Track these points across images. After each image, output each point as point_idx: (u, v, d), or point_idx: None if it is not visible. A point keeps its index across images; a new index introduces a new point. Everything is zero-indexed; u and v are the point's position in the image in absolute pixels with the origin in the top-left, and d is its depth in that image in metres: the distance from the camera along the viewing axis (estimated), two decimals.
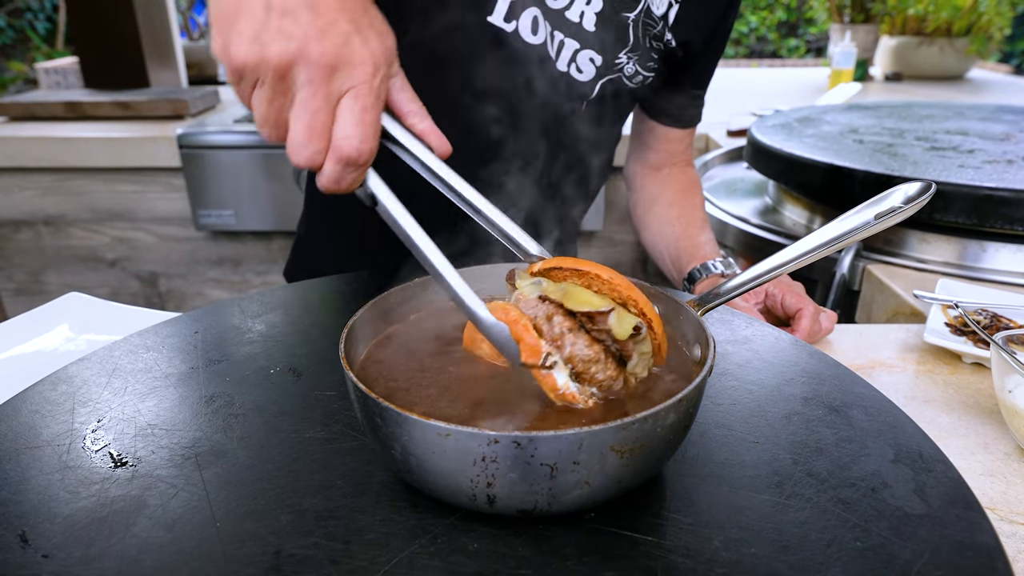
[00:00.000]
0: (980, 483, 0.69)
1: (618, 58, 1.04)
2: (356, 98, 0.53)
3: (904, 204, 0.66)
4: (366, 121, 0.53)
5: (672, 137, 1.29)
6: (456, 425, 0.48)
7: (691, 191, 1.31)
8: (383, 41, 0.55)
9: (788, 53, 8.13)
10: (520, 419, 0.58)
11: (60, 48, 6.02)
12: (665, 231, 1.26)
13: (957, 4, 3.20)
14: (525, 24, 0.99)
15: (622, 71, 1.06)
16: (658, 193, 1.31)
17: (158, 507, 0.55)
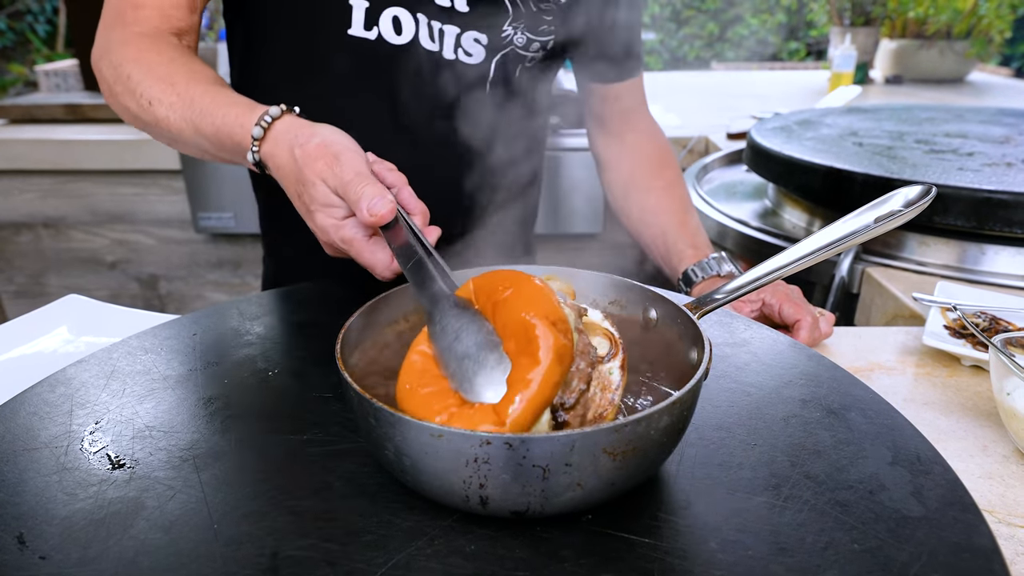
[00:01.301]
0: (978, 485, 0.69)
1: (503, 31, 1.00)
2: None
3: (904, 208, 0.66)
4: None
5: (618, 94, 1.23)
6: (449, 426, 0.48)
7: (664, 165, 1.25)
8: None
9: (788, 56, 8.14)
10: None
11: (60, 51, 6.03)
12: (648, 221, 1.21)
13: (957, 7, 3.20)
14: (386, 27, 0.96)
15: (512, 43, 1.02)
16: (629, 173, 1.25)
17: (156, 509, 0.55)
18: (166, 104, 0.87)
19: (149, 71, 0.88)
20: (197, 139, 0.86)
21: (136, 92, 0.88)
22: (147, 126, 0.92)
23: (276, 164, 0.80)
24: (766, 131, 1.73)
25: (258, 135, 0.80)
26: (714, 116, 2.60)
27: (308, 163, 0.75)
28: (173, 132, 0.88)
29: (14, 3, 6.41)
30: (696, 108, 2.84)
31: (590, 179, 2.33)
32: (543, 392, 0.51)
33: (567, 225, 2.44)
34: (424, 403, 0.54)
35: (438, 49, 0.99)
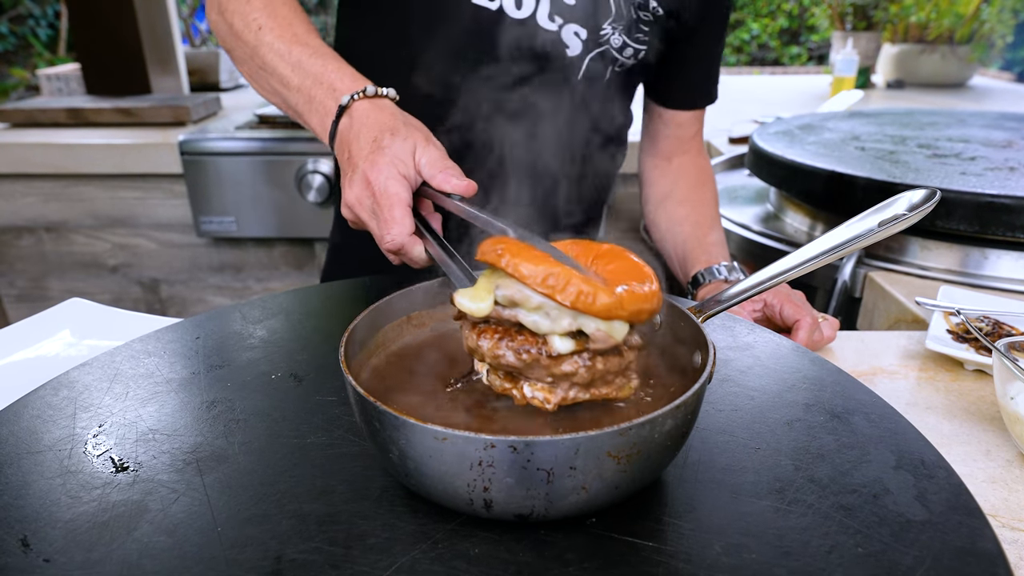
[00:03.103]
0: (982, 490, 0.69)
1: (603, 29, 1.03)
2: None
3: (908, 211, 0.66)
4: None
5: (680, 121, 1.27)
6: (453, 429, 0.48)
7: (703, 184, 1.29)
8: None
9: (790, 61, 8.14)
10: (520, 423, 0.58)
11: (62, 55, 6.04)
12: (674, 231, 1.24)
13: (959, 12, 3.21)
14: (509, 2, 1.00)
15: (609, 43, 1.05)
16: (669, 189, 1.29)
17: (159, 512, 0.55)
18: (275, 34, 0.91)
19: (271, 3, 0.93)
20: (289, 72, 0.89)
21: (249, 15, 0.93)
22: (242, 46, 0.94)
23: (367, 115, 0.81)
24: (768, 135, 1.74)
25: (370, 92, 0.83)
26: (716, 120, 2.60)
27: (411, 127, 0.79)
28: (267, 59, 0.91)
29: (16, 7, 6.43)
30: None
31: None
32: (649, 298, 0.54)
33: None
34: (540, 255, 0.54)
35: (554, 29, 1.02)
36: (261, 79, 0.94)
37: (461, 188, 0.75)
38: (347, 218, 0.81)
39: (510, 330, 0.57)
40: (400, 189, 0.75)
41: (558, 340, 0.55)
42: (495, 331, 0.57)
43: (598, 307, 0.53)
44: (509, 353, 0.56)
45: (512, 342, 0.56)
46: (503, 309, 0.56)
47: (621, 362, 0.57)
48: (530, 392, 0.57)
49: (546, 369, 0.56)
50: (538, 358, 0.55)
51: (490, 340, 0.57)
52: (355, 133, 0.80)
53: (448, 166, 0.76)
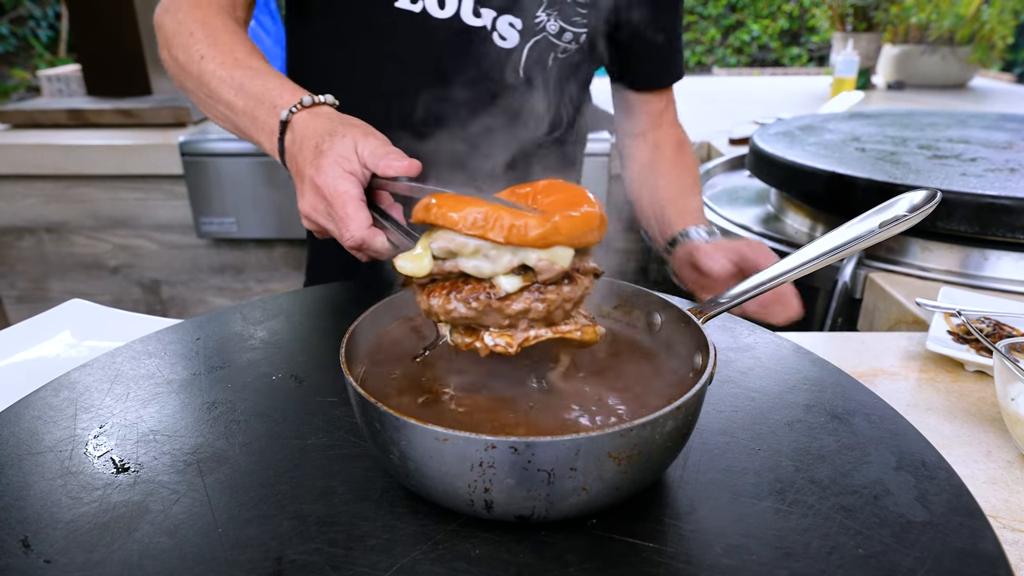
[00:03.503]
0: (983, 491, 0.69)
1: (537, 16, 1.03)
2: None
3: (909, 212, 0.66)
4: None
5: (647, 99, 1.26)
6: (454, 430, 0.48)
7: (681, 155, 1.28)
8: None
9: (790, 62, 8.14)
10: (521, 424, 0.58)
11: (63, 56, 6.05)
12: (654, 199, 1.24)
13: (960, 13, 3.21)
14: (431, 1, 1.01)
15: (545, 30, 1.05)
16: (648, 161, 1.28)
17: (160, 513, 0.55)
18: (217, 62, 0.92)
19: (213, 33, 0.95)
20: (233, 96, 0.90)
21: (192, 48, 0.94)
22: (188, 77, 0.96)
23: (306, 126, 0.82)
24: (768, 136, 1.74)
25: (307, 103, 0.84)
26: (716, 121, 2.60)
27: (347, 125, 0.79)
28: (212, 86, 0.92)
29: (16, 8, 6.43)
30: (698, 113, 2.85)
31: (593, 185, 2.33)
32: (587, 219, 0.54)
33: None
34: (465, 199, 0.54)
35: (479, 26, 1.03)
36: (210, 108, 0.95)
37: (404, 168, 0.75)
38: (309, 228, 0.82)
39: (456, 282, 0.56)
40: (349, 186, 0.75)
41: (504, 280, 0.55)
42: (442, 287, 0.57)
43: (532, 236, 0.52)
44: (460, 305, 0.55)
45: (460, 293, 0.56)
46: (443, 262, 0.56)
47: (576, 289, 0.57)
48: (491, 341, 0.57)
49: (500, 312, 0.55)
50: (489, 303, 0.55)
51: (439, 297, 0.56)
52: (298, 145, 0.81)
53: (389, 151, 0.76)
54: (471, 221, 0.53)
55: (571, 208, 0.55)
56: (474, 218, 0.53)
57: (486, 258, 0.54)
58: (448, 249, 0.55)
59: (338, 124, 0.80)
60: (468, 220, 0.53)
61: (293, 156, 0.82)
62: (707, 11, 8.20)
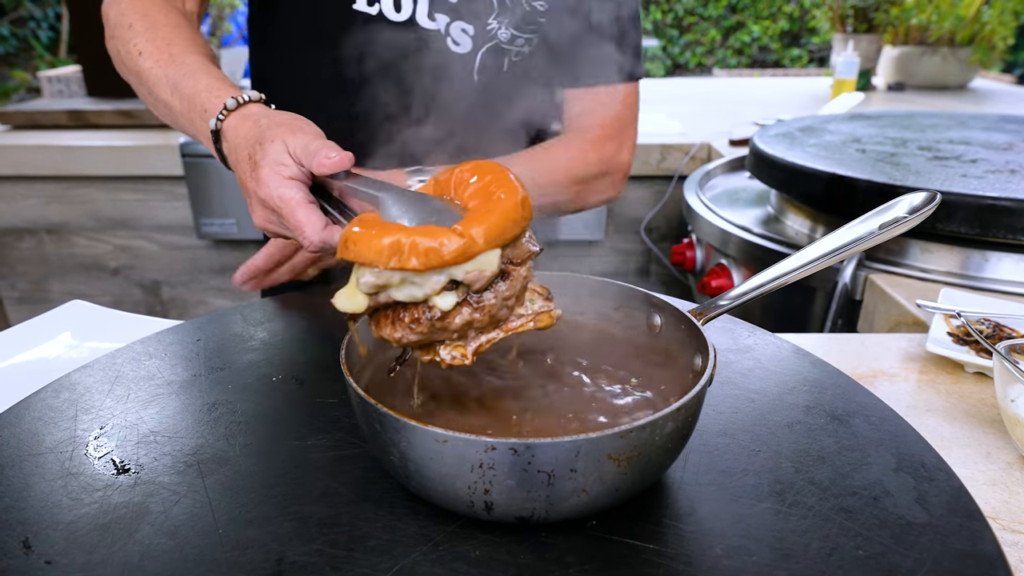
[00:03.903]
0: (982, 492, 0.69)
1: (488, 24, 1.03)
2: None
3: (909, 214, 0.66)
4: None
5: (570, 99, 1.15)
6: (454, 431, 0.48)
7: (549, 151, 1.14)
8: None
9: (791, 63, 8.15)
10: (521, 424, 0.58)
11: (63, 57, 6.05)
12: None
13: (960, 14, 3.21)
14: (388, 5, 1.01)
15: (497, 37, 1.04)
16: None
17: (160, 514, 0.55)
18: (154, 59, 0.90)
19: (152, 26, 0.93)
20: (170, 96, 0.89)
21: (131, 42, 0.93)
22: (129, 73, 0.95)
23: (236, 133, 0.80)
24: (769, 138, 1.74)
25: (231, 106, 0.81)
26: (716, 123, 2.60)
27: (273, 127, 0.76)
28: (150, 84, 0.91)
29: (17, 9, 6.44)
30: (699, 115, 2.85)
31: None
32: (505, 214, 0.53)
33: (569, 232, 2.44)
34: (379, 231, 0.53)
35: (434, 29, 1.03)
36: (153, 106, 0.94)
37: (336, 164, 0.71)
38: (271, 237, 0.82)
39: (396, 310, 0.56)
40: (291, 192, 0.73)
41: (438, 300, 0.54)
42: (386, 316, 0.57)
43: (449, 256, 0.52)
44: (406, 332, 0.55)
45: (402, 321, 0.55)
46: (377, 296, 0.55)
47: (513, 284, 0.56)
48: (447, 355, 0.57)
49: (444, 330, 0.55)
50: (432, 323, 0.55)
51: (387, 327, 0.56)
52: (235, 158, 0.80)
53: (319, 147, 0.72)
54: (386, 256, 0.52)
55: (488, 202, 0.54)
56: (388, 253, 0.52)
57: (414, 284, 0.54)
58: (375, 284, 0.54)
59: (265, 128, 0.77)
60: (384, 255, 0.52)
61: (235, 168, 0.81)
62: (707, 12, 8.20)
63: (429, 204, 0.58)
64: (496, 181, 0.56)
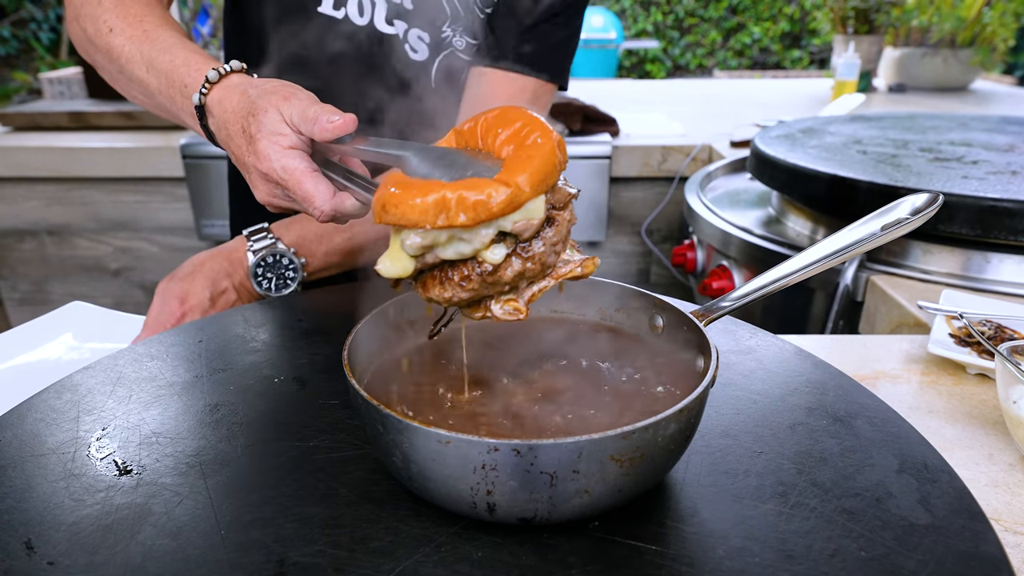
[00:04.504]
0: (985, 494, 0.69)
1: (443, 32, 1.03)
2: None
3: (911, 215, 0.66)
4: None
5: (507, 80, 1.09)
6: (456, 432, 0.48)
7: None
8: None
9: (791, 64, 8.15)
10: (524, 426, 0.58)
11: (64, 58, 6.05)
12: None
13: (961, 15, 3.21)
14: (352, 9, 1.02)
15: (452, 44, 1.04)
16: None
17: (163, 515, 0.55)
18: (126, 35, 0.88)
19: (122, 3, 0.90)
20: (145, 74, 0.86)
21: (100, 19, 0.90)
22: (97, 51, 0.92)
23: (223, 107, 0.78)
24: (770, 139, 1.74)
25: (213, 78, 0.79)
26: (717, 124, 2.60)
27: (264, 96, 0.74)
28: (122, 62, 0.87)
29: (17, 11, 6.45)
30: (699, 116, 2.85)
31: (593, 187, 2.33)
32: (544, 158, 0.52)
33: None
34: (419, 190, 0.51)
35: (393, 34, 1.03)
36: (124, 86, 0.91)
37: (340, 128, 0.69)
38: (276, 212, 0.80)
39: (444, 269, 0.55)
40: (295, 162, 0.71)
41: (488, 253, 0.53)
42: (434, 277, 0.56)
43: (498, 208, 0.50)
44: (456, 291, 0.54)
45: (452, 280, 0.54)
46: (423, 257, 0.54)
47: (560, 229, 0.56)
48: (500, 311, 0.56)
49: (497, 284, 0.54)
50: (482, 279, 0.54)
51: (435, 287, 0.55)
52: (226, 133, 0.77)
53: (319, 112, 0.70)
54: (432, 214, 0.50)
55: (525, 148, 0.53)
56: (434, 211, 0.50)
57: (462, 241, 0.52)
58: (422, 245, 0.53)
59: (255, 98, 0.74)
60: (430, 214, 0.50)
61: (226, 145, 0.79)
62: (708, 14, 8.21)
63: (457, 157, 0.57)
64: (528, 125, 0.54)
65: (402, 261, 0.54)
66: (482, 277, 0.54)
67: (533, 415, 0.60)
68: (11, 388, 0.83)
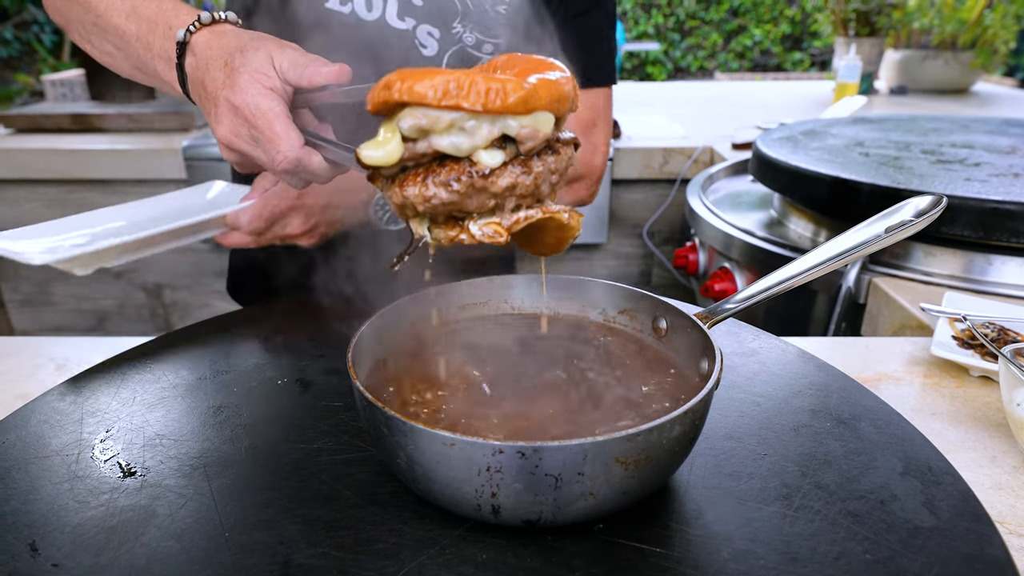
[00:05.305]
0: (989, 496, 0.69)
1: (453, 28, 1.03)
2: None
3: (915, 218, 0.66)
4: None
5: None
6: (461, 435, 0.48)
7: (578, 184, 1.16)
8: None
9: (792, 66, 8.15)
10: (528, 428, 0.58)
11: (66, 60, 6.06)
12: None
13: (962, 18, 3.21)
14: (360, 4, 1.01)
15: (462, 41, 1.04)
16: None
17: (167, 517, 0.55)
18: None
19: None
20: (124, 21, 0.83)
21: None
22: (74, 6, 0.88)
23: (208, 47, 0.73)
24: (772, 141, 1.74)
25: (206, 20, 0.75)
26: (719, 126, 2.60)
27: (258, 38, 0.71)
28: (100, 10, 0.84)
29: (20, 13, 6.46)
30: (701, 118, 2.85)
31: None
32: (565, 82, 0.50)
33: None
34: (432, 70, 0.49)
35: (404, 29, 1.03)
36: (97, 40, 0.87)
37: (335, 75, 0.67)
38: (229, 160, 0.74)
39: (431, 166, 0.51)
40: (272, 103, 0.67)
41: (485, 154, 0.50)
42: (416, 174, 0.52)
43: (513, 101, 0.48)
44: (440, 189, 0.50)
45: (438, 176, 0.50)
46: (415, 144, 0.50)
47: (560, 160, 0.53)
48: (479, 230, 0.53)
49: (485, 191, 0.50)
50: (472, 182, 0.50)
51: (415, 185, 0.51)
52: (203, 67, 0.72)
53: (312, 60, 0.68)
54: (442, 91, 0.47)
55: (543, 69, 0.51)
56: (445, 87, 0.47)
57: (463, 131, 0.49)
58: (419, 127, 0.49)
59: (248, 39, 0.71)
60: (439, 90, 0.47)
61: (199, 81, 0.73)
62: (709, 16, 8.21)
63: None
64: (544, 62, 0.52)
65: (390, 145, 0.51)
66: (472, 181, 0.50)
67: (537, 417, 0.60)
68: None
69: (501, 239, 0.52)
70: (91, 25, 0.86)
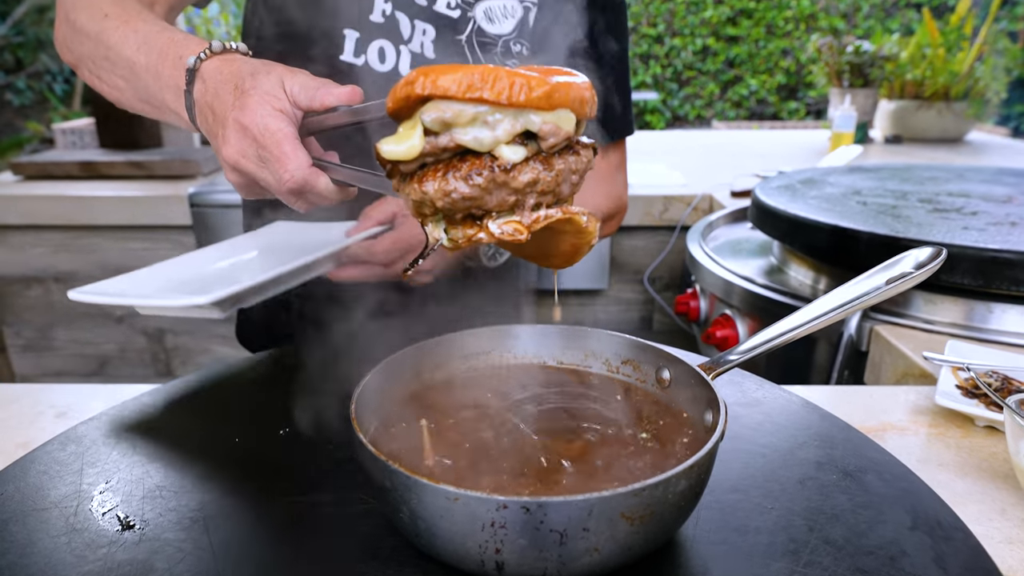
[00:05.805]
0: (999, 551, 0.68)
1: None
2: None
3: (915, 269, 0.67)
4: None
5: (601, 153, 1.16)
6: (465, 490, 0.48)
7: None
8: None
9: (788, 115, 8.28)
10: (533, 482, 0.58)
11: (77, 109, 6.17)
12: None
13: (954, 69, 3.27)
14: (372, 57, 1.03)
15: None
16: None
17: (165, 571, 0.54)
18: (122, 19, 0.85)
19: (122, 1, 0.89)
20: (135, 52, 0.83)
21: (96, 6, 0.88)
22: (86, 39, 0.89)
23: (219, 72, 0.74)
24: (770, 189, 1.76)
25: (217, 48, 0.76)
26: (717, 174, 2.63)
27: (269, 65, 0.72)
28: (111, 43, 0.85)
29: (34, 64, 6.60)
30: (699, 166, 2.88)
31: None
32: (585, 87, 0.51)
33: (573, 281, 2.45)
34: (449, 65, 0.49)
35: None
36: (107, 73, 0.88)
37: (347, 95, 0.68)
38: (234, 183, 0.74)
39: (452, 162, 0.51)
40: (282, 124, 0.67)
41: (507, 149, 0.50)
42: (436, 169, 0.52)
43: (537, 95, 0.48)
44: (460, 184, 0.50)
45: (458, 171, 0.50)
46: (436, 138, 0.50)
47: (580, 160, 0.53)
48: (498, 228, 0.52)
49: (506, 187, 0.50)
50: (493, 177, 0.50)
51: (434, 180, 0.51)
52: (212, 92, 0.73)
53: (322, 83, 0.69)
54: (467, 84, 0.47)
55: (563, 73, 0.51)
56: (470, 80, 0.47)
57: (485, 125, 0.49)
58: (442, 120, 0.49)
59: (259, 65, 0.72)
60: (463, 83, 0.47)
61: (207, 106, 0.73)
62: (706, 67, 8.37)
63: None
64: (560, 69, 0.53)
65: (411, 139, 0.51)
66: (493, 175, 0.50)
67: (542, 471, 0.59)
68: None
69: (521, 237, 0.52)
70: (101, 59, 0.87)
